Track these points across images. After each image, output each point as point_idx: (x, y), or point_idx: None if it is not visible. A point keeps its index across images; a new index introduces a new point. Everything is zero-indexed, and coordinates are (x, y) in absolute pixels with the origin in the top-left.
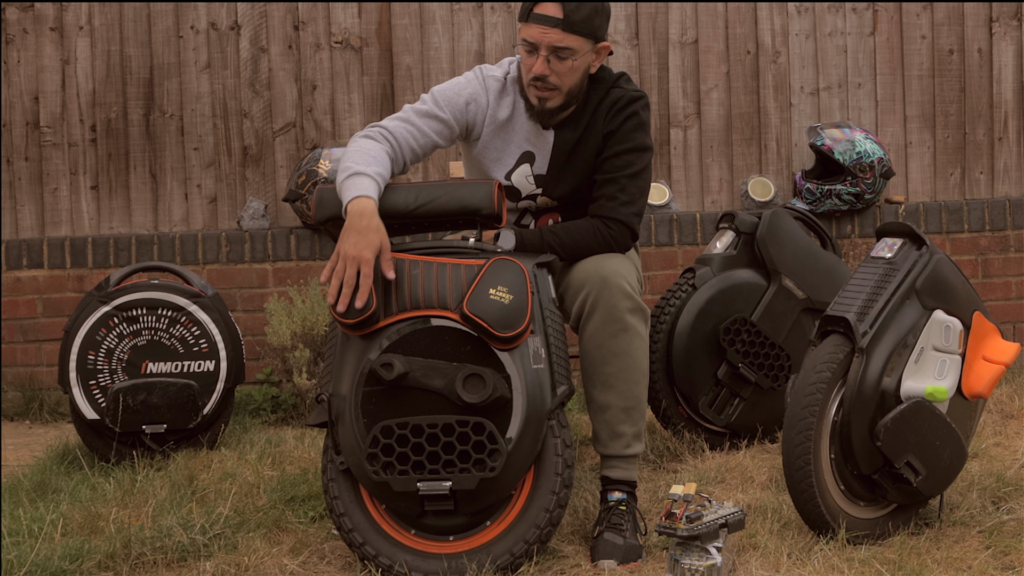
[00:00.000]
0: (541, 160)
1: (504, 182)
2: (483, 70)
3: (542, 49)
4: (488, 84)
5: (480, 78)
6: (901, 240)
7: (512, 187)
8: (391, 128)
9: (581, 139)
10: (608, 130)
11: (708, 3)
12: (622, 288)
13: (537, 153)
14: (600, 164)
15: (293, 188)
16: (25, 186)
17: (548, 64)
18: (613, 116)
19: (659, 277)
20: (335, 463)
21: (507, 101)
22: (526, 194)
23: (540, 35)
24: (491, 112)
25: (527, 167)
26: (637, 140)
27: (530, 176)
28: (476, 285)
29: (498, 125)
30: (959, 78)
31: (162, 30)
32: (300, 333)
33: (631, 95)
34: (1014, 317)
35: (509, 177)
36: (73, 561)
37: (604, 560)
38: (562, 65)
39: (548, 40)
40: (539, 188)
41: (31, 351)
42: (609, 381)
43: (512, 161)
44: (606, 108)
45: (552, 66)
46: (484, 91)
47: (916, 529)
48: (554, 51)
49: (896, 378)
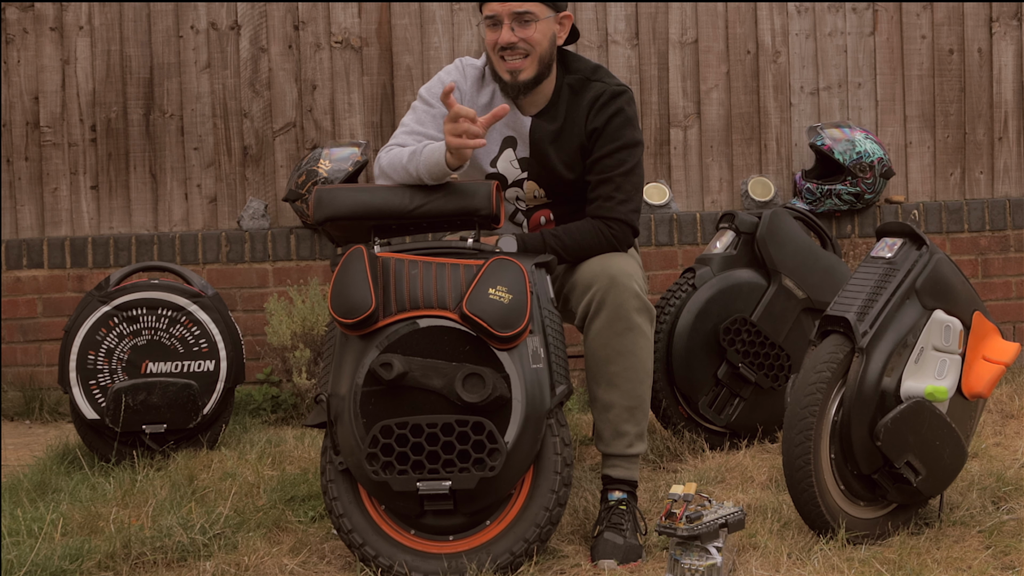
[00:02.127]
0: (522, 144)
1: (490, 170)
2: (463, 60)
3: (504, 18)
4: (467, 72)
5: (460, 67)
6: (901, 240)
7: (498, 174)
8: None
9: (562, 129)
10: (593, 127)
11: (708, 3)
12: (630, 287)
13: (518, 137)
14: (592, 164)
15: (293, 188)
16: (25, 186)
17: (513, 31)
18: (597, 112)
19: (659, 277)
20: (334, 464)
21: (487, 90)
22: (512, 180)
23: (500, 6)
24: (471, 98)
25: (510, 152)
26: (627, 137)
27: (515, 160)
28: (475, 285)
29: (479, 112)
30: (959, 78)
31: (162, 30)
32: (300, 333)
33: (614, 90)
34: (1014, 317)
35: (495, 164)
36: (73, 561)
37: (604, 560)
38: (527, 30)
39: (509, 8)
40: (524, 172)
41: (31, 351)
42: (614, 380)
43: (496, 148)
44: (588, 102)
45: (517, 32)
46: (464, 79)
47: (916, 529)
48: (515, 17)
49: (896, 378)
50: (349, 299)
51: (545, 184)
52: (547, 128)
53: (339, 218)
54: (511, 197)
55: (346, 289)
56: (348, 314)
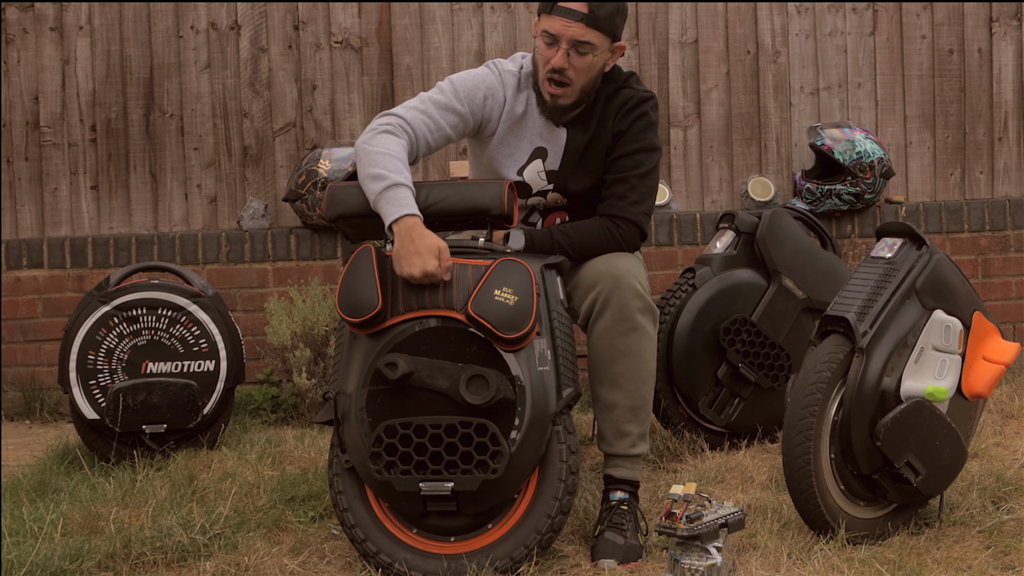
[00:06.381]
0: (554, 156)
1: (516, 178)
2: (498, 64)
3: (563, 42)
4: (505, 79)
5: (497, 73)
6: (901, 240)
7: (523, 183)
8: (410, 120)
9: (593, 139)
10: (618, 130)
11: (708, 3)
12: (634, 287)
13: (549, 149)
14: (610, 164)
15: (293, 188)
16: (25, 186)
17: (567, 58)
18: (623, 116)
19: (659, 277)
20: (340, 460)
21: (522, 97)
22: (537, 190)
23: (563, 28)
24: (508, 107)
25: (539, 163)
26: (647, 140)
27: (542, 172)
28: (481, 286)
29: (513, 121)
30: (959, 78)
31: (162, 30)
32: (300, 333)
33: (641, 95)
34: (1014, 317)
35: (521, 173)
36: (73, 561)
37: (604, 560)
38: (581, 60)
39: (571, 34)
40: (551, 184)
41: (31, 351)
42: (617, 380)
43: (525, 157)
44: (616, 108)
45: (571, 60)
46: (501, 86)
47: (916, 529)
48: (575, 45)
49: (896, 378)
50: (356, 298)
51: (568, 193)
52: (580, 139)
53: (351, 216)
54: (531, 203)
55: (353, 288)
56: (354, 313)
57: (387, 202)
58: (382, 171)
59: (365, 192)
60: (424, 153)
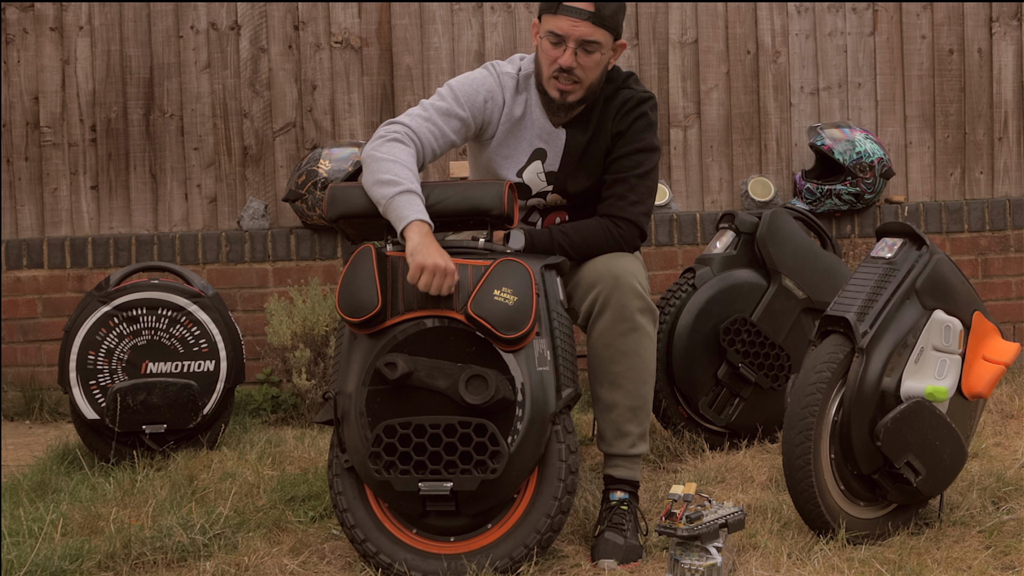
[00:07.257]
0: (553, 157)
1: (515, 179)
2: (496, 66)
3: (570, 41)
4: (503, 81)
5: (495, 75)
6: (901, 240)
7: (523, 184)
8: (415, 128)
9: (592, 139)
10: (617, 130)
11: (708, 3)
12: (633, 287)
13: (549, 150)
14: (609, 164)
15: (293, 188)
16: (25, 186)
17: (575, 57)
18: (622, 116)
19: (659, 277)
20: (340, 460)
21: (520, 99)
22: (536, 191)
23: (570, 27)
24: (507, 110)
25: (539, 164)
26: (646, 140)
27: (541, 173)
28: (481, 286)
29: (512, 123)
30: (959, 78)
31: (162, 30)
32: (300, 333)
33: (640, 96)
34: (1014, 317)
35: (520, 174)
36: (73, 561)
37: (604, 560)
38: (588, 59)
39: (578, 33)
40: (550, 185)
41: (31, 351)
42: (617, 380)
43: (524, 158)
44: (615, 108)
45: (579, 59)
46: (500, 88)
47: (916, 529)
48: (582, 44)
49: (896, 378)
50: (356, 298)
51: (568, 194)
52: (579, 140)
53: (352, 216)
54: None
55: (353, 288)
56: (354, 313)
57: (400, 206)
58: (393, 177)
59: (372, 197)
60: (430, 160)
